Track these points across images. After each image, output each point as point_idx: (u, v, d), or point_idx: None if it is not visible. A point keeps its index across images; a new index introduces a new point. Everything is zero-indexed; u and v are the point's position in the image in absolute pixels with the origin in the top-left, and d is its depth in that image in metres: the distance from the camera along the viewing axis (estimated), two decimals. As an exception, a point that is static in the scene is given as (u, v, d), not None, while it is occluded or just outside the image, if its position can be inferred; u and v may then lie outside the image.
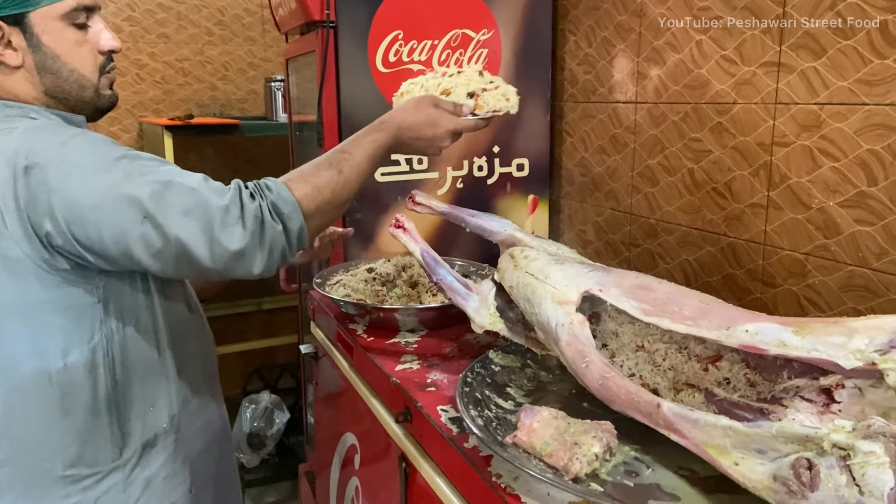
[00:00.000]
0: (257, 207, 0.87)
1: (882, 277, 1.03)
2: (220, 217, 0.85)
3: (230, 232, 0.85)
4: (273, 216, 0.88)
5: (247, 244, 0.86)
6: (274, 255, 0.89)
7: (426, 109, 1.05)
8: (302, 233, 0.91)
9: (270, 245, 0.88)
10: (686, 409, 0.80)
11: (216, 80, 3.18)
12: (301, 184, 0.92)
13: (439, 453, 0.94)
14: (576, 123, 1.77)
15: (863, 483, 0.61)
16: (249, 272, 0.89)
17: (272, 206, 0.89)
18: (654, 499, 0.77)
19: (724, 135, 1.30)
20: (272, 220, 0.88)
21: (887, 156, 1.01)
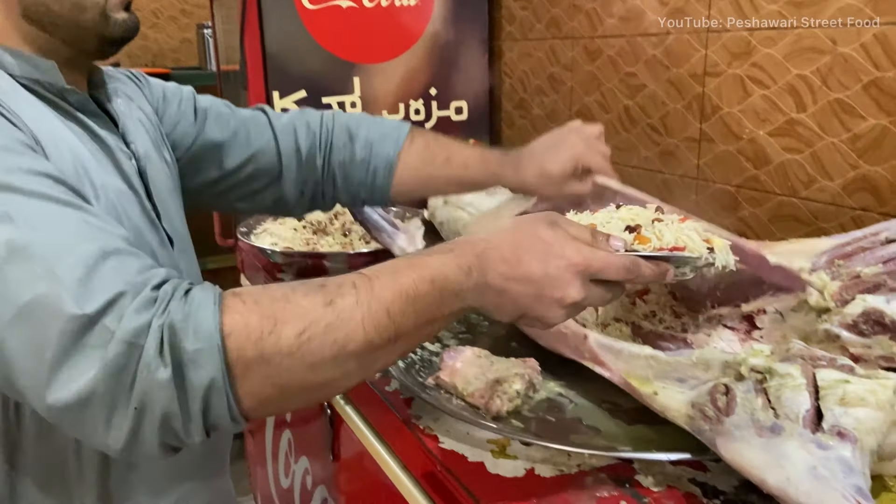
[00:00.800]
0: (141, 327, 0.49)
1: (810, 206, 1.02)
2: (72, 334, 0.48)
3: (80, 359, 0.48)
4: (162, 350, 0.49)
5: (94, 389, 0.48)
6: (145, 424, 0.49)
7: (535, 229, 0.59)
8: (213, 395, 0.50)
9: (140, 403, 0.49)
10: (611, 340, 0.78)
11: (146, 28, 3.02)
12: (247, 308, 0.51)
13: (362, 399, 0.90)
14: (514, 63, 1.72)
15: (778, 406, 0.60)
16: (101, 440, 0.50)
17: (168, 332, 0.49)
18: (574, 433, 0.75)
19: (658, 67, 1.26)
20: (155, 357, 0.48)
21: (816, 80, 0.98)
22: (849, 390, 0.58)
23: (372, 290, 0.54)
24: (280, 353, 0.51)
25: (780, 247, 0.82)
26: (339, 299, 0.53)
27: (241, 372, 0.50)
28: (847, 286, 0.69)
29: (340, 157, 0.92)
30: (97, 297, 0.49)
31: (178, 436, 0.51)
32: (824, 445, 0.54)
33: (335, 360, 0.52)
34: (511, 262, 0.58)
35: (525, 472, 0.68)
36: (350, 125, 0.94)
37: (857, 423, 0.56)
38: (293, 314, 0.52)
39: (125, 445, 0.50)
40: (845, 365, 0.63)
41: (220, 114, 0.90)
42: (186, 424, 0.50)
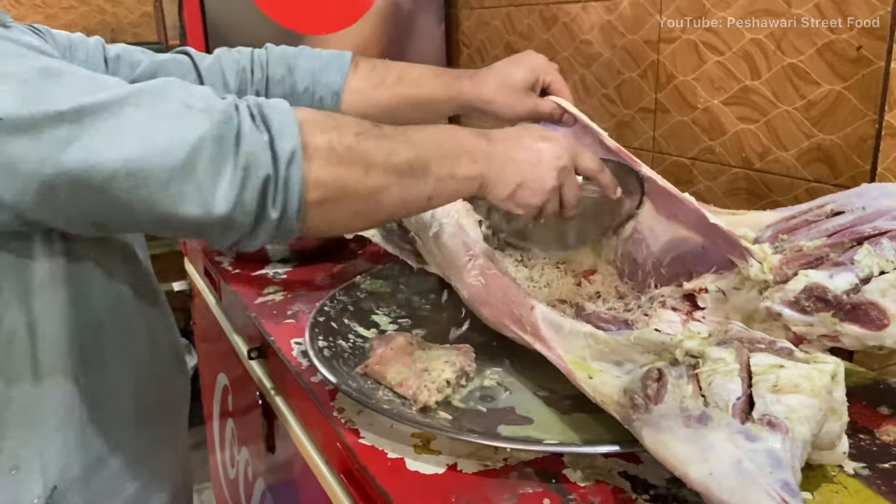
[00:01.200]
0: (229, 105, 0.54)
1: (765, 178, 0.98)
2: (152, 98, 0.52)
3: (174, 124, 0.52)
4: (255, 119, 0.55)
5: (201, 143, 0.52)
6: (250, 185, 0.53)
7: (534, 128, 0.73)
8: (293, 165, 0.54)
9: (247, 161, 0.53)
10: (556, 313, 0.73)
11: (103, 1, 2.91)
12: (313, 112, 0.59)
13: (290, 390, 0.86)
14: (472, 32, 1.65)
15: (709, 393, 0.55)
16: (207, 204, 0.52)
17: (256, 108, 0.55)
18: (505, 423, 0.70)
19: (613, 34, 1.21)
20: (253, 125, 0.54)
21: (770, 44, 0.93)
22: (782, 376, 0.53)
23: (407, 132, 0.63)
24: (342, 145, 0.57)
25: (723, 218, 0.77)
26: (384, 127, 0.62)
27: (311, 153, 0.56)
28: (788, 260, 0.64)
29: (280, 91, 0.84)
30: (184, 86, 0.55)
31: (267, 204, 0.54)
32: (752, 436, 0.50)
33: (384, 165, 0.59)
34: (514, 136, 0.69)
35: (446, 468, 0.64)
36: (288, 57, 0.87)
37: (790, 412, 0.51)
38: (351, 122, 0.60)
39: (230, 208, 0.53)
40: (784, 348, 0.59)
41: (133, 60, 0.81)
42: (275, 191, 0.54)
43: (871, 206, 0.68)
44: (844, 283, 0.59)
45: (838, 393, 0.56)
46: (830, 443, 0.57)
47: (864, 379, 0.77)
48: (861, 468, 0.62)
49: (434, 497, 0.60)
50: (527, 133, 0.70)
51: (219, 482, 1.42)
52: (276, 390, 0.90)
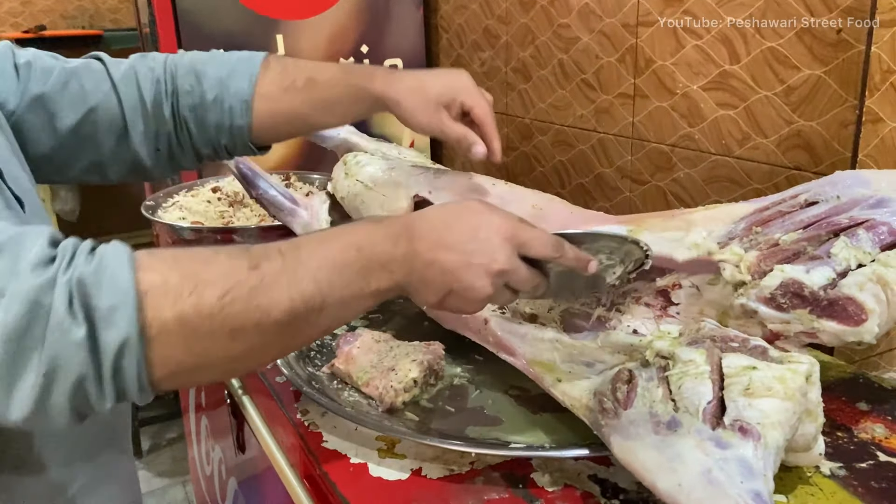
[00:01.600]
0: (45, 283, 0.44)
1: (744, 165, 0.95)
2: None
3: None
4: (73, 306, 0.44)
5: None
6: (57, 388, 0.45)
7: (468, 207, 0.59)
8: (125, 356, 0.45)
9: (52, 364, 0.44)
10: (514, 323, 0.71)
11: (82, -13, 2.86)
12: (165, 266, 0.48)
13: (256, 390, 0.83)
14: (450, 17, 1.61)
15: (678, 397, 0.53)
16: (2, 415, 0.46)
17: (78, 288, 0.45)
18: (474, 424, 0.68)
19: (591, 17, 1.17)
20: (67, 314, 0.44)
21: (749, 27, 0.90)
22: (755, 378, 0.51)
23: (298, 257, 0.52)
24: (200, 316, 0.47)
25: (697, 213, 0.75)
26: (265, 263, 0.50)
27: (156, 334, 0.46)
28: (765, 256, 0.62)
29: (189, 102, 0.79)
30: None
31: (90, 401, 0.46)
32: (723, 443, 0.48)
33: (258, 327, 0.49)
34: (440, 230, 0.56)
35: (410, 473, 0.61)
36: (196, 65, 0.81)
37: (762, 417, 0.49)
38: (216, 275, 0.48)
39: (30, 414, 0.45)
40: (758, 346, 0.56)
41: (45, 67, 0.75)
42: (99, 388, 0.46)
43: (846, 194, 0.65)
44: (821, 278, 0.57)
45: (813, 394, 0.53)
46: (806, 445, 0.55)
47: (843, 373, 0.76)
48: (837, 468, 0.60)
49: (396, 504, 0.58)
50: (458, 223, 0.57)
51: (198, 478, 1.40)
52: (244, 389, 0.87)
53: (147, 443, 2.39)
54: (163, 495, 2.18)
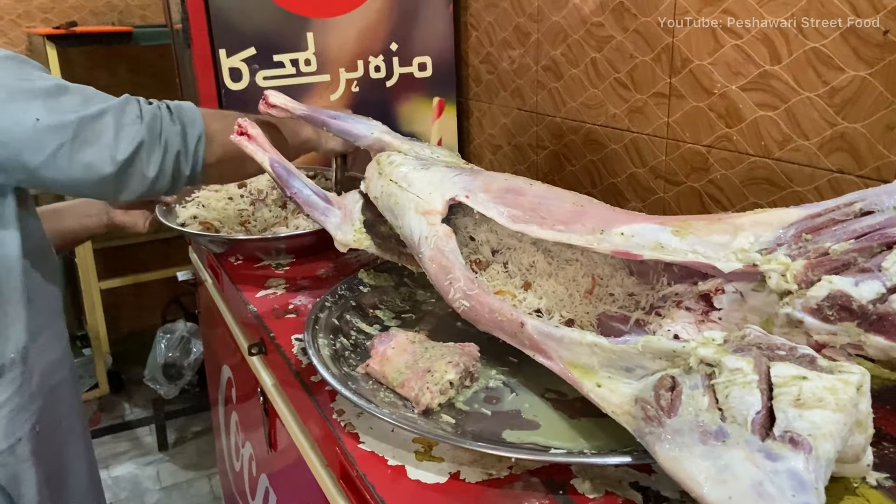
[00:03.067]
0: (155, 107, 0.87)
1: (784, 167, 0.94)
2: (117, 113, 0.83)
3: (128, 131, 0.83)
4: (172, 116, 0.88)
5: (143, 139, 0.84)
6: (168, 157, 0.87)
7: None
8: (200, 143, 0.89)
9: (166, 143, 0.86)
10: (551, 326, 0.70)
11: (111, -17, 2.88)
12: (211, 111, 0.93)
13: (290, 388, 0.83)
14: (479, 14, 1.60)
15: (725, 406, 0.52)
16: (143, 174, 0.85)
17: (174, 108, 0.88)
18: (511, 427, 0.67)
19: (626, 16, 1.16)
20: (170, 120, 0.87)
21: (791, 27, 0.89)
22: (805, 389, 0.50)
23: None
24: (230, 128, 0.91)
25: (745, 217, 0.73)
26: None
27: (211, 136, 0.92)
28: (813, 265, 0.61)
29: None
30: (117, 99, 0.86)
31: (181, 168, 0.90)
32: (774, 455, 0.47)
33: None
34: None
35: (448, 476, 0.61)
36: None
37: (813, 428, 0.48)
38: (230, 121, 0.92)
39: (157, 172, 0.87)
40: (806, 355, 0.55)
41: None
42: (187, 158, 0.90)
43: (904, 205, 0.64)
44: (870, 292, 0.55)
45: (864, 405, 0.52)
46: (855, 456, 0.54)
47: (887, 381, 0.74)
48: (884, 479, 0.59)
49: (435, 509, 0.57)
50: None
51: (225, 472, 1.41)
52: (277, 387, 0.88)
53: (173, 436, 2.42)
54: (188, 488, 2.20)
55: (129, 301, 2.93)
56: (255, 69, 1.46)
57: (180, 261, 2.60)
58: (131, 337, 2.87)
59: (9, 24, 2.73)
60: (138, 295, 2.89)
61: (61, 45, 2.35)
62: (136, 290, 2.79)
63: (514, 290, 0.87)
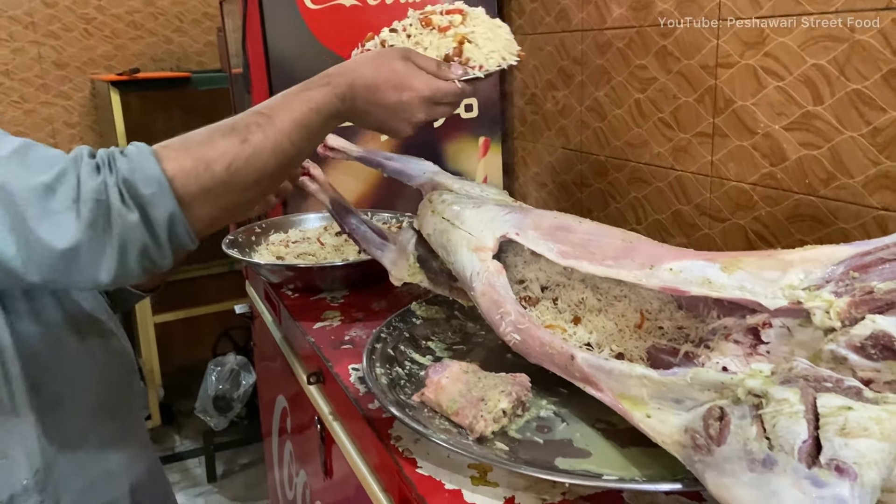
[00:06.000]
0: (100, 185, 0.60)
1: (829, 205, 0.95)
2: (36, 201, 0.59)
3: (55, 222, 0.59)
4: (125, 199, 0.61)
5: (81, 240, 0.59)
6: (129, 257, 0.62)
7: (391, 63, 0.75)
8: (175, 225, 0.63)
9: (122, 242, 0.61)
10: (601, 358, 0.73)
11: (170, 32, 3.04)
12: (179, 154, 0.63)
13: (348, 416, 0.87)
14: (525, 57, 1.66)
15: (773, 435, 0.54)
16: (94, 280, 0.62)
17: (125, 185, 0.61)
18: (563, 455, 0.70)
19: (669, 59, 1.20)
20: (122, 206, 0.60)
21: (833, 70, 0.91)
22: (851, 418, 0.52)
23: (274, 125, 0.68)
24: (216, 184, 0.65)
25: (795, 254, 0.75)
26: (251, 136, 0.66)
27: (190, 203, 0.64)
28: (857, 303, 0.63)
29: None
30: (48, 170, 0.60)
31: (155, 260, 0.64)
32: (820, 482, 0.49)
33: (258, 180, 0.68)
34: (372, 89, 0.74)
35: (504, 501, 0.64)
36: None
37: (859, 457, 0.50)
38: (219, 153, 0.65)
39: (115, 277, 0.62)
40: (852, 387, 0.57)
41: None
42: (160, 251, 0.64)
43: (951, 245, 0.65)
44: (913, 331, 0.57)
45: (911, 436, 0.54)
46: (902, 487, 0.55)
47: (938, 417, 0.74)
48: (933, 512, 0.59)
49: (492, 531, 0.60)
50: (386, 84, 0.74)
51: (276, 500, 1.44)
52: (334, 415, 0.92)
53: (221, 468, 2.47)
54: (237, 517, 2.24)
55: (181, 335, 3.02)
56: (311, 112, 1.53)
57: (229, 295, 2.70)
58: (182, 370, 2.96)
59: (74, 71, 2.89)
60: (189, 329, 2.98)
61: (124, 91, 2.48)
62: (188, 323, 2.88)
63: (564, 324, 0.90)
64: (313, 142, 0.73)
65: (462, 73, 0.78)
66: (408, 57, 0.76)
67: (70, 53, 2.88)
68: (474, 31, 0.80)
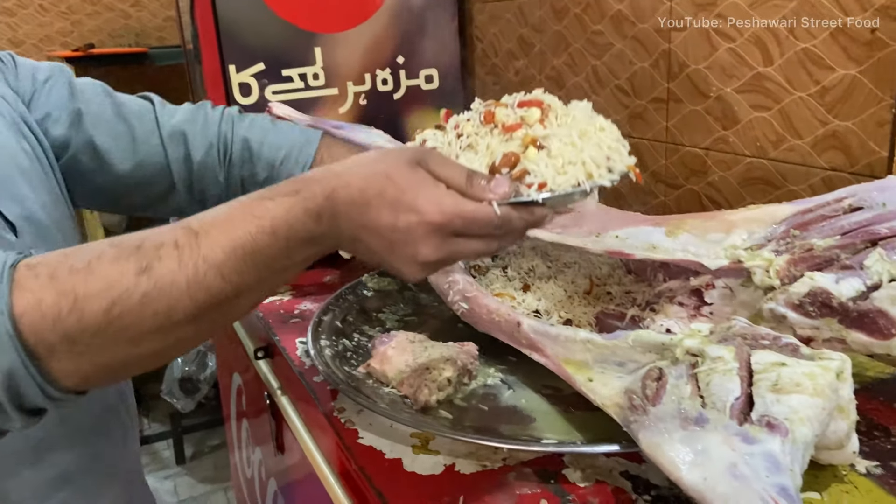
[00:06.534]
0: None
1: (780, 167, 0.95)
2: None
3: None
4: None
5: None
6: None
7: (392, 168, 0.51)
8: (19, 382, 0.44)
9: None
10: (546, 325, 0.72)
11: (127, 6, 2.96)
12: (41, 283, 0.45)
13: (295, 390, 0.85)
14: (485, 26, 1.63)
15: (706, 393, 0.54)
16: None
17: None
18: (506, 422, 0.69)
19: (624, 24, 1.18)
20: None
21: (782, 29, 0.90)
22: (784, 374, 0.51)
23: (199, 249, 0.47)
24: (88, 333, 0.44)
25: (738, 214, 0.75)
26: (157, 263, 0.46)
27: (46, 354, 0.44)
28: (795, 260, 0.62)
29: (241, 173, 0.82)
30: None
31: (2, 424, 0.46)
32: (750, 439, 0.48)
33: (161, 330, 0.46)
34: (360, 207, 0.49)
35: (444, 468, 0.63)
36: (251, 140, 0.82)
37: (791, 413, 0.49)
38: (98, 287, 0.45)
39: None
40: (789, 344, 0.56)
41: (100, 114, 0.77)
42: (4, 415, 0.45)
43: (893, 202, 0.65)
44: (850, 290, 0.57)
45: (845, 391, 0.53)
46: (839, 442, 0.55)
47: (882, 373, 0.74)
48: (874, 467, 0.59)
49: (429, 498, 0.59)
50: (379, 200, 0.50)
51: (238, 482, 1.43)
52: (282, 390, 0.90)
53: (190, 450, 2.45)
54: (205, 501, 2.23)
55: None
56: (265, 84, 1.50)
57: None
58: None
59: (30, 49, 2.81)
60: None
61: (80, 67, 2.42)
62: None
63: (513, 292, 0.88)
64: (264, 273, 0.49)
65: (508, 193, 0.51)
66: (421, 161, 0.51)
67: (25, 31, 2.79)
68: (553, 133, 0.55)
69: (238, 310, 0.50)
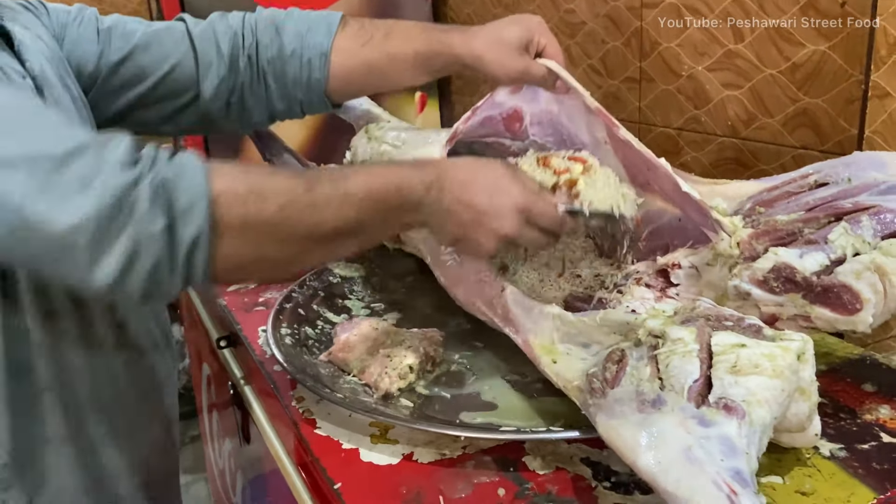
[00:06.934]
0: (131, 177, 0.50)
1: (751, 146, 0.93)
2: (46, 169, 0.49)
3: (59, 198, 0.49)
4: (155, 202, 0.50)
5: (81, 224, 0.48)
6: (136, 268, 0.50)
7: (491, 165, 0.65)
8: (197, 248, 0.51)
9: (134, 247, 0.50)
10: (527, 298, 0.70)
11: (100, -7, 2.90)
12: (233, 175, 0.54)
13: (257, 380, 0.83)
14: (458, 6, 1.61)
15: (665, 375, 0.52)
16: (84, 279, 0.51)
17: (162, 187, 0.50)
18: (469, 409, 0.67)
19: (597, 2, 1.16)
20: (149, 208, 0.50)
21: (752, 5, 0.88)
22: (742, 356, 0.50)
23: (347, 186, 0.57)
24: (260, 221, 0.53)
25: (705, 188, 0.73)
26: (319, 186, 0.56)
27: (223, 232, 0.52)
28: (758, 234, 0.61)
29: (269, 55, 0.81)
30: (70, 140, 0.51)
31: (162, 284, 0.52)
32: (706, 421, 0.47)
33: (307, 238, 0.56)
34: (465, 186, 0.61)
35: (402, 458, 0.61)
36: (276, 19, 0.83)
37: (748, 395, 0.48)
38: (278, 189, 0.54)
39: (109, 286, 0.50)
40: (752, 325, 0.55)
41: (127, 31, 0.78)
42: (171, 273, 0.51)
43: (858, 177, 0.64)
44: (814, 264, 0.55)
45: (806, 372, 0.52)
46: (800, 425, 0.53)
47: (850, 354, 0.73)
48: (838, 450, 0.58)
49: (385, 489, 0.57)
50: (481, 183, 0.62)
51: (213, 474, 1.41)
52: (246, 380, 0.88)
53: (171, 439, 2.42)
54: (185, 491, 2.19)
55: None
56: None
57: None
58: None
59: None
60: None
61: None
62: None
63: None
64: (379, 224, 0.60)
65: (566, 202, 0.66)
66: (511, 167, 0.67)
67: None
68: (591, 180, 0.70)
69: (347, 249, 0.61)
